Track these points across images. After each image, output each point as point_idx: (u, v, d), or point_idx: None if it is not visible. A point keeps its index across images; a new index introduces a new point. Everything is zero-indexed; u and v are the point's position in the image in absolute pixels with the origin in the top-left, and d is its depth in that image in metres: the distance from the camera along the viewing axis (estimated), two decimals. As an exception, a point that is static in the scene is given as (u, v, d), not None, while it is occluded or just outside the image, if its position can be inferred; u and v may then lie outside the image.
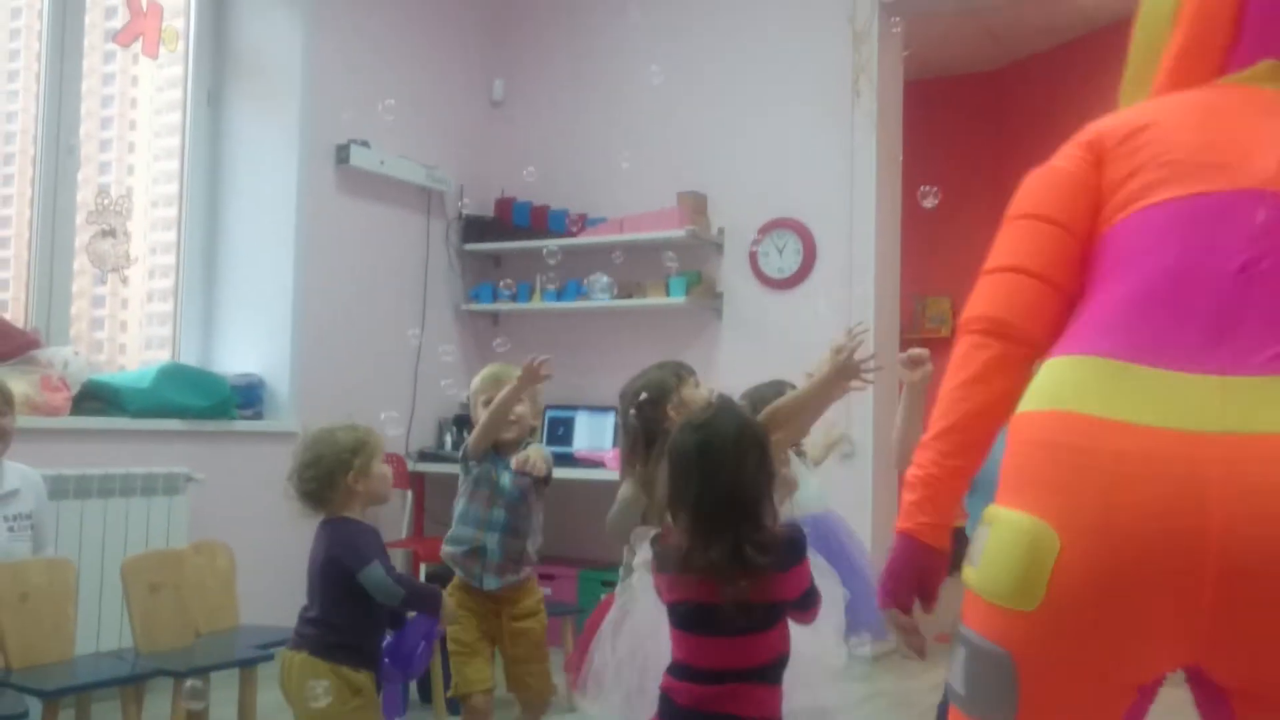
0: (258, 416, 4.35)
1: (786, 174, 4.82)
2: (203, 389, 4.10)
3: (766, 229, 4.82)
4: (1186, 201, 1.33)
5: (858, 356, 2.24)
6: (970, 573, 1.31)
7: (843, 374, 2.25)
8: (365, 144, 4.72)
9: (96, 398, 3.84)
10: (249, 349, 4.47)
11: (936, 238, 6.75)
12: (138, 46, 4.15)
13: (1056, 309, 1.40)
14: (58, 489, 3.43)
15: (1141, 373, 1.23)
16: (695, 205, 4.87)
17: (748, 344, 4.79)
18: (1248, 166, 1.32)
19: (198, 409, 4.04)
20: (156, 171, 4.70)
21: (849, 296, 4.62)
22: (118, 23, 4.22)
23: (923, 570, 1.41)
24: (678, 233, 4.72)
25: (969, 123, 7.61)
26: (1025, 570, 1.22)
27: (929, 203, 3.31)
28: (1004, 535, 1.25)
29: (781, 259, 4.83)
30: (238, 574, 3.36)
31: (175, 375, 4.05)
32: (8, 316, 3.85)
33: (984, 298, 1.42)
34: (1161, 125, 1.41)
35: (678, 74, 4.85)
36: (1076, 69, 6.96)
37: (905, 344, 6.22)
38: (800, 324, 4.56)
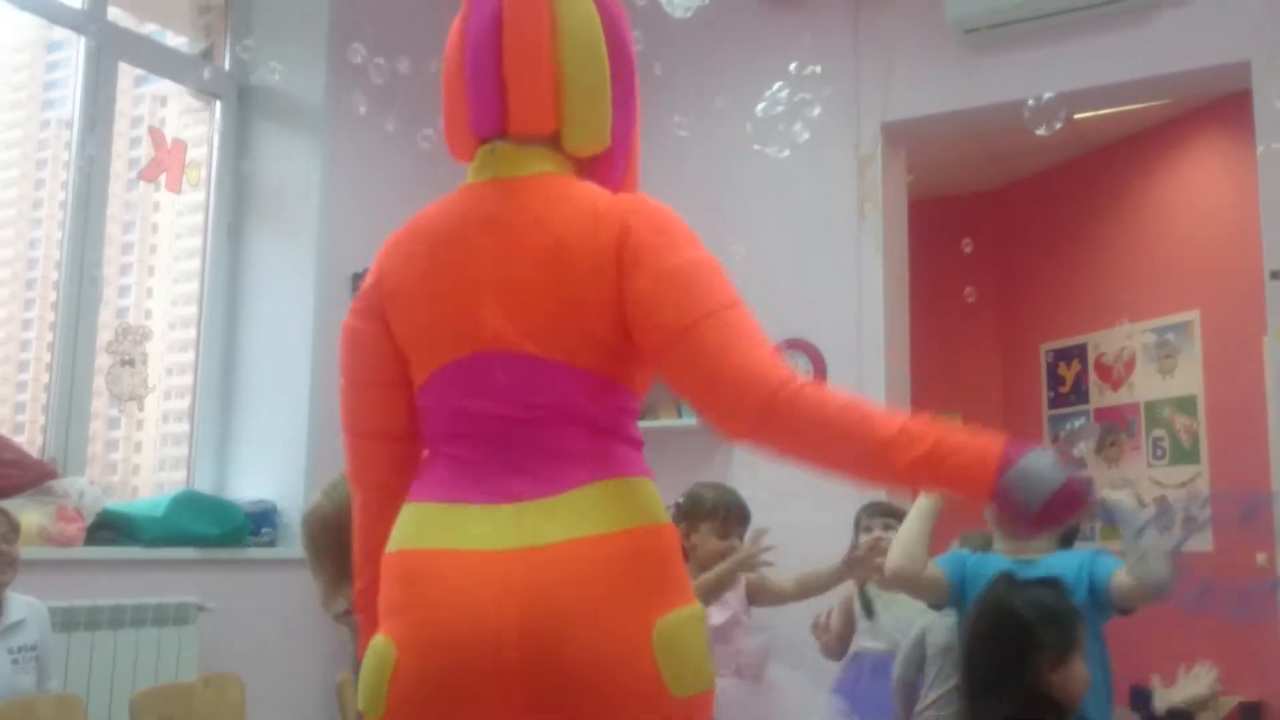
0: (271, 543, 4.34)
1: (796, 296, 4.87)
2: (216, 516, 4.09)
3: (777, 350, 4.86)
4: (448, 369, 1.59)
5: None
6: None
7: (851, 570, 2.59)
8: (380, 270, 4.80)
9: (110, 527, 3.84)
10: (263, 475, 4.47)
11: (945, 354, 6.79)
12: (162, 180, 4.26)
13: (401, 452, 1.69)
14: (69, 621, 3.41)
15: (459, 510, 1.52)
16: (705, 327, 4.91)
17: (759, 467, 4.78)
18: (479, 331, 1.58)
19: (212, 537, 4.04)
20: (175, 294, 4.78)
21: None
22: (141, 153, 4.34)
23: None
24: (689, 355, 4.75)
25: (973, 242, 7.71)
26: (374, 684, 1.48)
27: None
28: (368, 657, 1.52)
29: (792, 380, 4.86)
30: (248, 706, 3.32)
31: (189, 503, 4.05)
32: (23, 441, 3.88)
33: (350, 462, 1.73)
34: (404, 294, 1.64)
35: (686, 201, 4.89)
36: (1073, 187, 7.09)
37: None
38: (811, 445, 4.57)
